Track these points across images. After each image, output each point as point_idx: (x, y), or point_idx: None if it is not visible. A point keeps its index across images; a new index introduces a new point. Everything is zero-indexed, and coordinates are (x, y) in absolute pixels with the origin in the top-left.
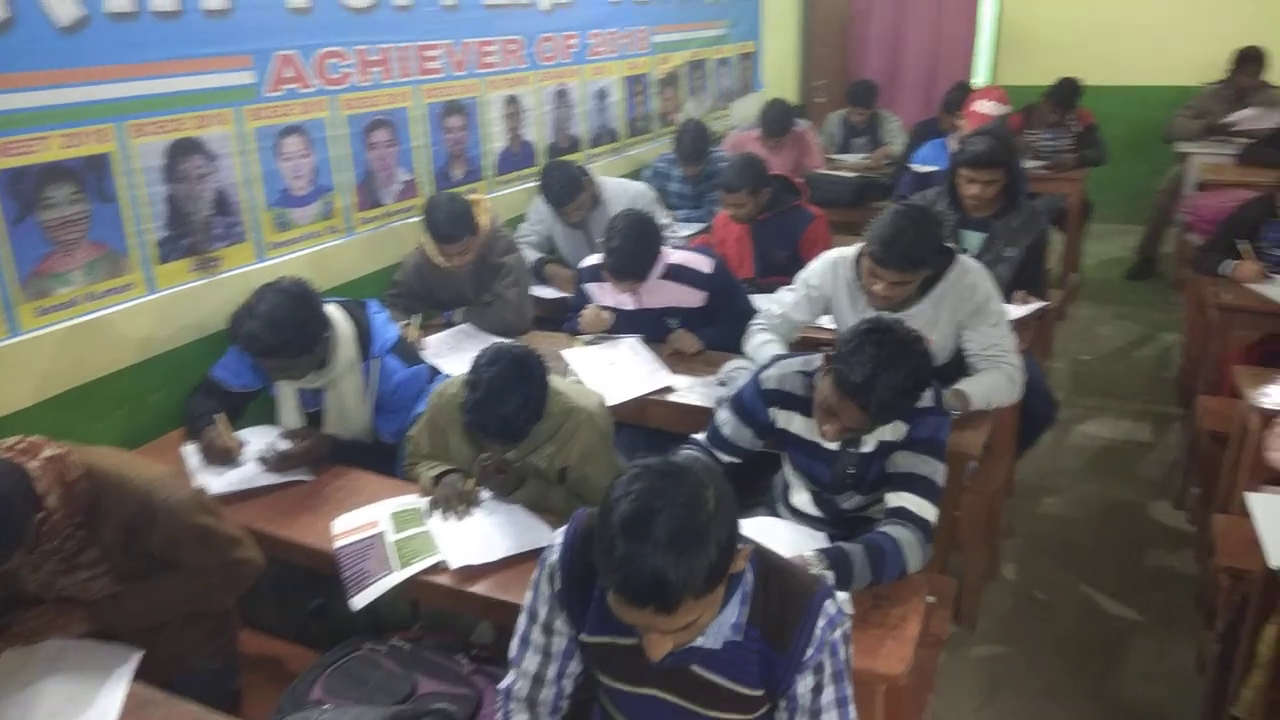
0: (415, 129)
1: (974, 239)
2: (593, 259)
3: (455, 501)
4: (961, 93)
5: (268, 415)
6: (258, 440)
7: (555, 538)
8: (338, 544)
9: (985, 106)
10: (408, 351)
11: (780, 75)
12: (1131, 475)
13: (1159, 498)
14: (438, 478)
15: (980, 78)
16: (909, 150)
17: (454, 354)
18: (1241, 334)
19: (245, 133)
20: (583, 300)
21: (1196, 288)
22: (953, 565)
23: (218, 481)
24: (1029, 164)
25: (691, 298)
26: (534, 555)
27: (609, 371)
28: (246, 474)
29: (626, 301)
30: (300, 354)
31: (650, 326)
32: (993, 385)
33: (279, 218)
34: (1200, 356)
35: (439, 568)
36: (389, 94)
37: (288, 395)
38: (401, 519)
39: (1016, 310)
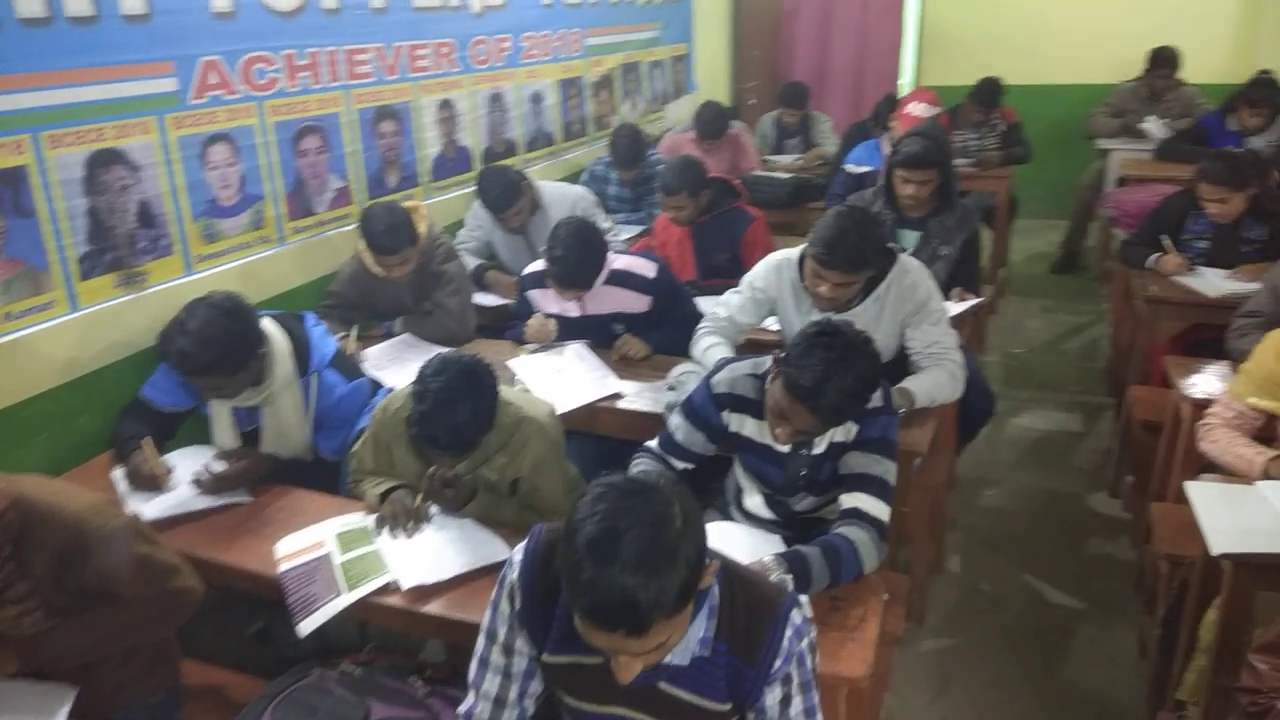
0: (347, 135)
1: (910, 238)
2: (534, 266)
3: (403, 518)
4: (889, 105)
5: (202, 435)
6: (190, 462)
7: (514, 554)
8: (282, 568)
9: (917, 109)
10: (347, 365)
11: (713, 77)
12: (1066, 465)
13: (1094, 486)
14: (384, 494)
15: (906, 78)
16: (842, 151)
17: (395, 366)
18: (1168, 325)
19: (169, 142)
20: (525, 308)
21: (1123, 280)
22: (900, 560)
23: (151, 507)
24: (957, 162)
25: (636, 303)
26: (489, 571)
27: (556, 379)
28: (181, 498)
29: (571, 309)
30: (234, 371)
31: (596, 333)
32: (936, 382)
33: (207, 229)
34: (1128, 347)
35: (389, 588)
36: (318, 99)
37: (222, 414)
38: (348, 539)
39: (954, 307)
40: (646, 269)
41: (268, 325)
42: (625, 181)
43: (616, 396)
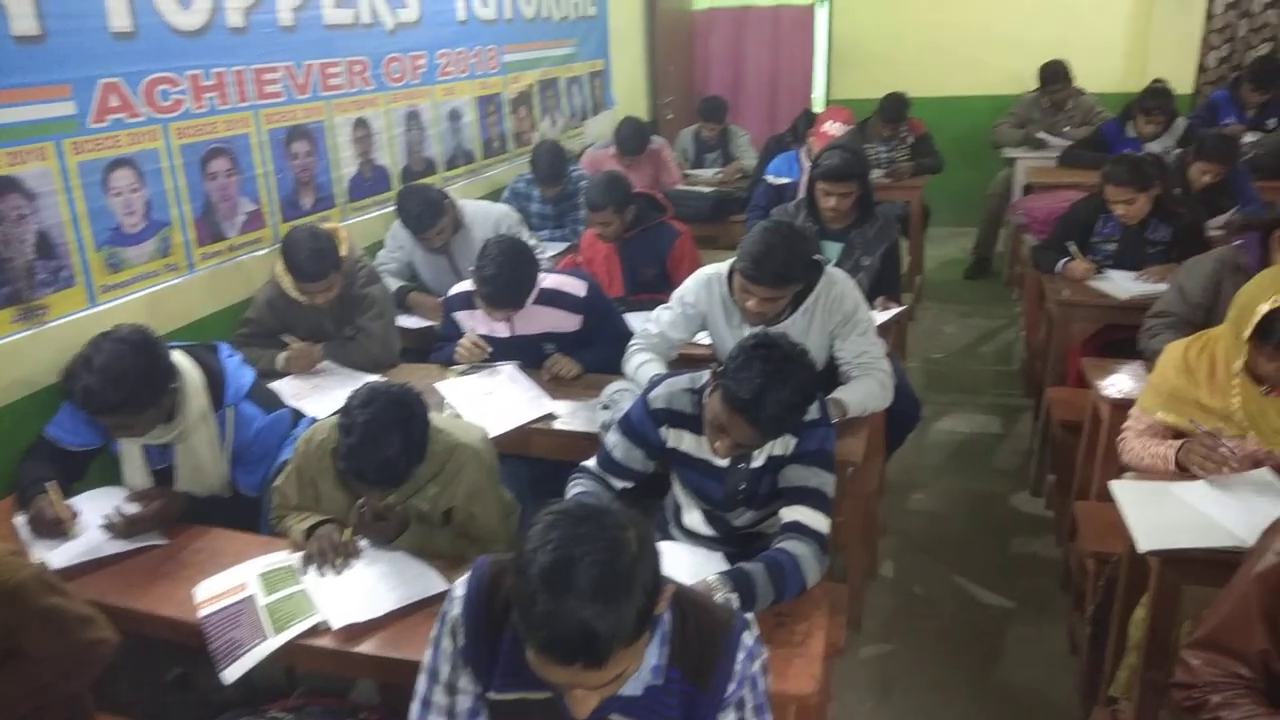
0: (257, 156)
1: (833, 249)
2: (461, 286)
3: (331, 554)
4: (807, 119)
5: (113, 475)
6: (100, 505)
7: (455, 588)
8: (202, 612)
9: (833, 128)
10: (265, 396)
11: (631, 93)
12: (989, 466)
13: (1017, 486)
14: (310, 530)
15: (819, 92)
16: (760, 164)
17: (316, 394)
18: (1081, 327)
19: (68, 168)
20: (451, 329)
21: (1035, 284)
22: (836, 568)
23: (59, 555)
24: (871, 174)
25: (567, 322)
26: (424, 605)
27: (487, 402)
28: (91, 543)
29: (500, 329)
30: (144, 408)
31: (526, 354)
32: (867, 392)
33: (111, 258)
34: (1042, 349)
35: (319, 629)
36: (226, 120)
37: (132, 453)
38: (272, 579)
39: (879, 316)
40: (576, 288)
41: (179, 358)
42: (548, 198)
43: (550, 417)
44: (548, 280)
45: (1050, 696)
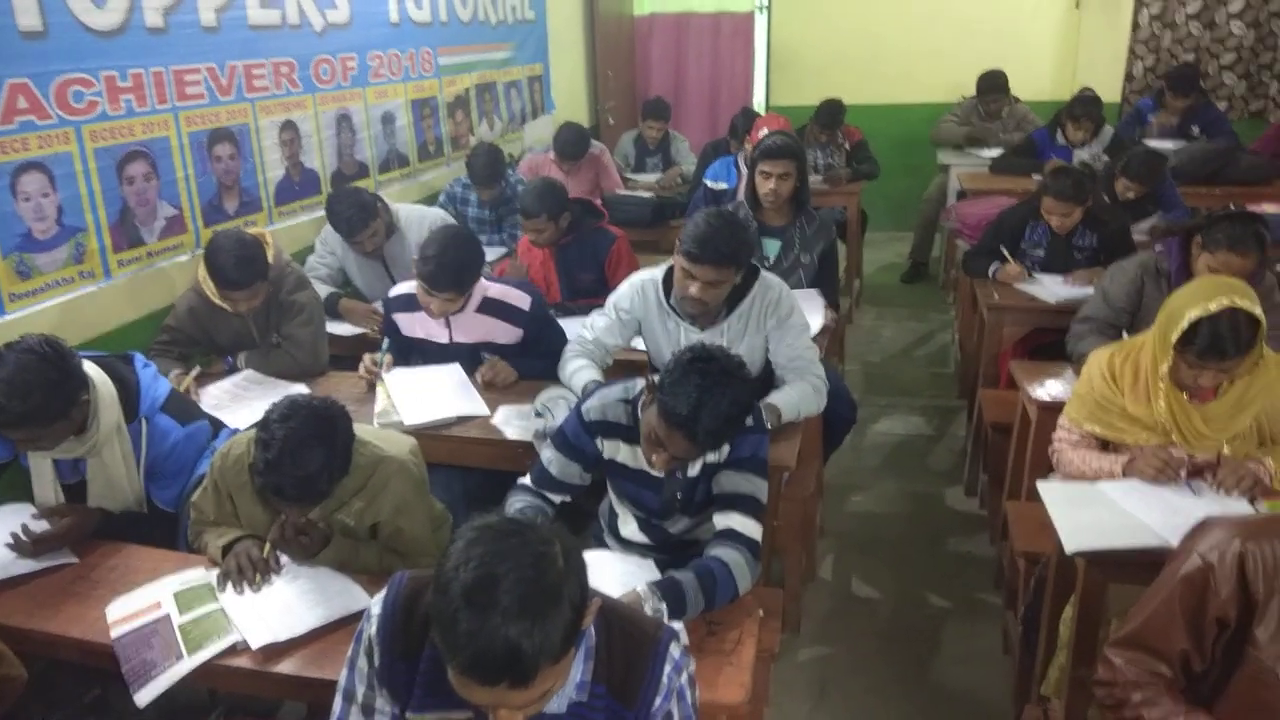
0: (178, 159)
1: (772, 246)
2: (403, 287)
3: (249, 571)
4: (746, 118)
5: (23, 489)
6: (6, 521)
7: (371, 606)
8: (114, 633)
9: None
10: (182, 407)
11: (571, 97)
12: (925, 467)
13: (951, 485)
14: (228, 546)
15: (759, 98)
16: (700, 168)
17: (237, 405)
18: (1011, 330)
19: None
20: (391, 330)
21: (968, 289)
22: (773, 572)
23: None
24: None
25: (507, 334)
26: (348, 623)
27: (423, 389)
28: None
29: (438, 334)
30: (53, 421)
31: (462, 361)
32: (801, 396)
33: (19, 265)
34: (975, 352)
35: (237, 648)
36: (144, 122)
37: (42, 467)
38: (187, 597)
39: (815, 322)
40: (521, 300)
41: (90, 369)
42: (485, 202)
43: (484, 421)
44: (492, 289)
45: (985, 696)
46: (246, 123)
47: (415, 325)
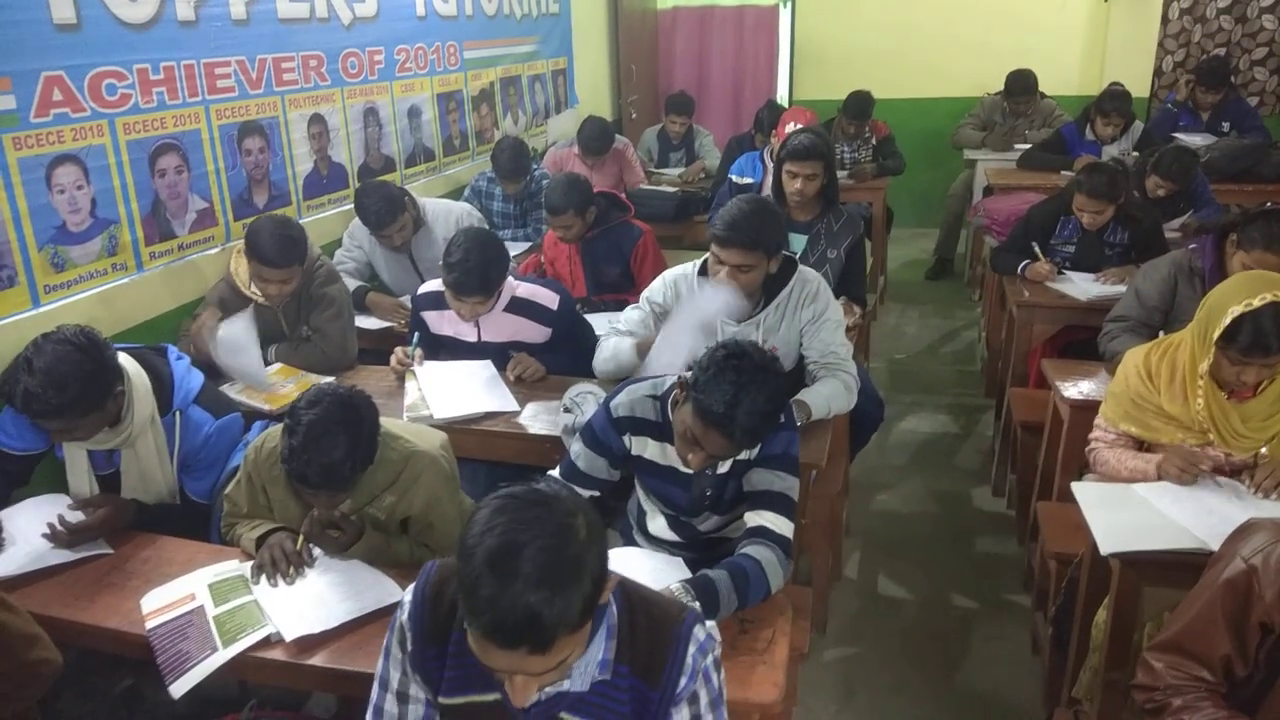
0: (208, 153)
1: (799, 241)
2: (431, 284)
3: (283, 564)
4: (772, 111)
5: (60, 480)
6: (43, 512)
7: (405, 595)
8: (149, 624)
9: (795, 129)
10: (216, 400)
11: (594, 91)
12: (951, 466)
13: (978, 485)
14: (261, 538)
15: (783, 92)
16: (724, 163)
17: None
18: (1041, 328)
19: (8, 164)
20: (419, 328)
21: (996, 285)
22: (800, 571)
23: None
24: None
25: (535, 333)
26: (381, 615)
27: (453, 385)
28: (33, 552)
29: (467, 333)
30: (88, 412)
31: (491, 360)
32: (832, 393)
33: (55, 257)
34: (1003, 350)
35: (271, 640)
36: (175, 115)
37: (77, 458)
38: (222, 589)
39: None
40: (549, 299)
41: (125, 360)
42: (510, 197)
43: (513, 416)
44: (520, 289)
45: (1012, 698)
46: (276, 116)
47: (444, 323)
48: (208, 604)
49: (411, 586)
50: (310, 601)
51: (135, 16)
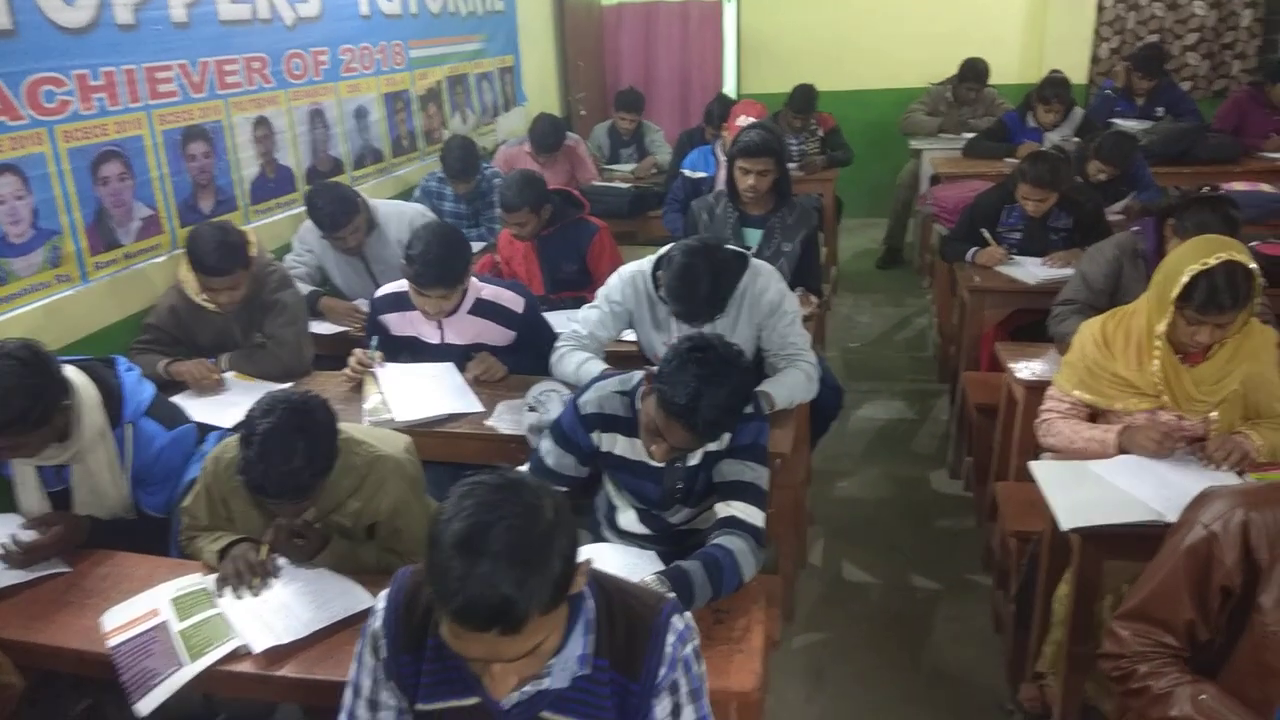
0: (152, 159)
1: (754, 236)
2: (390, 286)
3: (248, 574)
4: (721, 104)
5: (7, 500)
6: None
7: (377, 601)
8: (111, 642)
9: (746, 123)
10: (168, 411)
11: (541, 89)
12: (909, 451)
13: (935, 468)
14: (224, 550)
15: (730, 86)
16: (676, 158)
17: (221, 407)
18: (992, 313)
19: None
20: (377, 332)
21: (945, 272)
22: (768, 560)
23: None
24: None
25: (500, 336)
26: (351, 622)
27: (415, 387)
28: None
29: (430, 334)
30: (34, 428)
31: (454, 363)
32: (794, 384)
33: None
34: (954, 335)
35: (239, 653)
36: (117, 122)
37: (26, 475)
38: (185, 603)
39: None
40: (514, 303)
41: (72, 373)
42: (461, 196)
43: (478, 417)
44: (485, 291)
45: (979, 674)
46: (220, 120)
47: (406, 325)
48: (172, 619)
49: (383, 593)
50: (277, 612)
51: (73, 21)
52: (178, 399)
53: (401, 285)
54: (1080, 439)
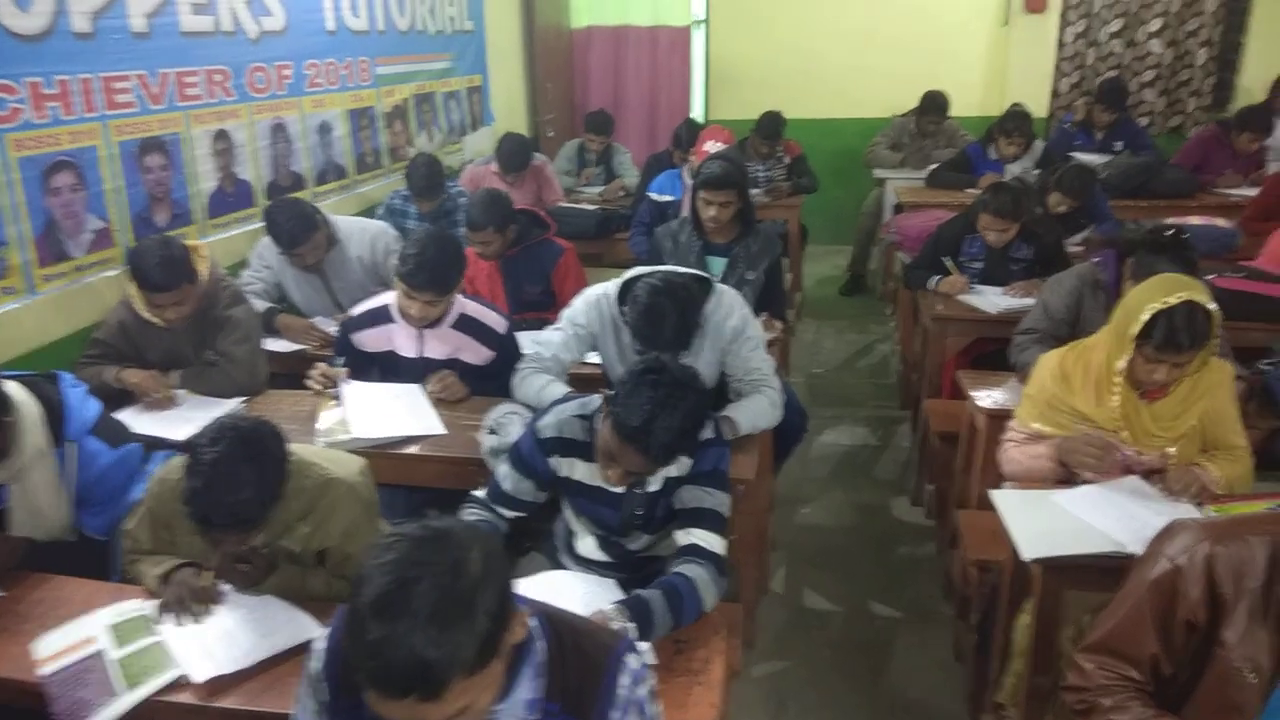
0: (106, 170)
1: (718, 264)
2: (363, 306)
3: (190, 601)
4: (689, 129)
5: None
6: None
7: (316, 640)
8: (44, 670)
9: (713, 148)
10: (113, 429)
11: (510, 109)
12: (871, 478)
13: (897, 495)
14: (166, 575)
15: (698, 112)
16: (643, 181)
17: (172, 422)
18: (954, 341)
19: None
20: (344, 353)
21: (909, 300)
22: (730, 587)
23: None
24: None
25: (477, 354)
26: (296, 653)
27: (378, 405)
28: None
29: (406, 347)
30: None
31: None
32: (757, 410)
33: None
34: (917, 362)
35: (179, 683)
36: (71, 131)
37: None
38: (124, 630)
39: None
40: (497, 323)
41: (13, 390)
42: (425, 215)
43: (434, 442)
44: (470, 307)
45: (940, 704)
46: (179, 132)
47: (382, 339)
48: (109, 647)
49: (322, 634)
50: (220, 640)
51: (27, 28)
52: (127, 412)
53: (374, 302)
54: (1028, 458)
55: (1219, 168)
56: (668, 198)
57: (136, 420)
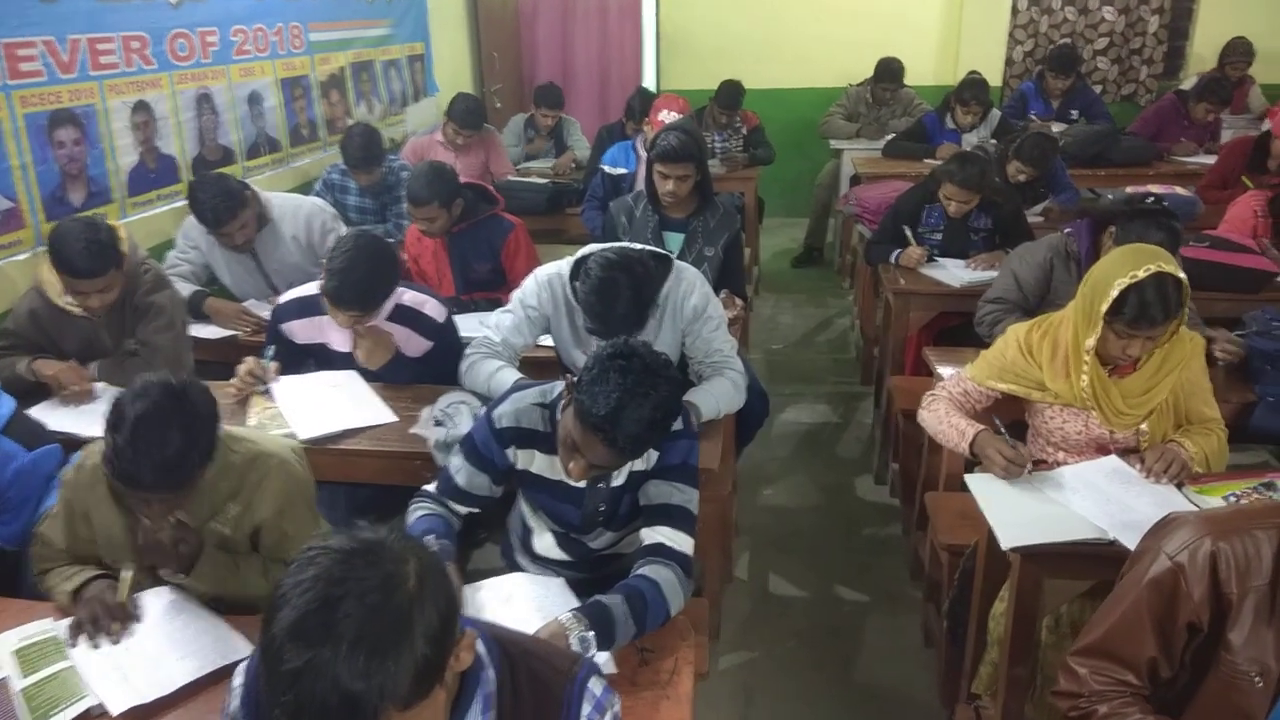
0: (12, 145)
1: (675, 240)
2: (294, 292)
3: (105, 619)
4: (643, 98)
5: None
6: None
7: (234, 676)
8: None
9: (668, 118)
10: (28, 430)
11: (455, 79)
12: (833, 456)
13: (861, 474)
14: (78, 590)
15: (649, 81)
16: (595, 153)
17: (91, 417)
18: (917, 315)
19: None
20: (278, 341)
21: (869, 274)
22: (693, 576)
23: None
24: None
25: (415, 346)
26: (224, 674)
27: (316, 399)
28: None
29: (340, 341)
30: None
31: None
32: (721, 393)
33: None
34: (877, 337)
35: (92, 714)
36: None
37: None
38: (31, 656)
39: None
40: (436, 312)
41: None
42: (365, 189)
43: (378, 428)
44: (406, 296)
45: (912, 691)
46: (93, 104)
47: (314, 331)
48: (13, 675)
49: (242, 666)
50: (140, 663)
51: None
52: (42, 406)
53: (306, 290)
54: (945, 423)
55: (1174, 136)
56: (621, 170)
57: (52, 415)
